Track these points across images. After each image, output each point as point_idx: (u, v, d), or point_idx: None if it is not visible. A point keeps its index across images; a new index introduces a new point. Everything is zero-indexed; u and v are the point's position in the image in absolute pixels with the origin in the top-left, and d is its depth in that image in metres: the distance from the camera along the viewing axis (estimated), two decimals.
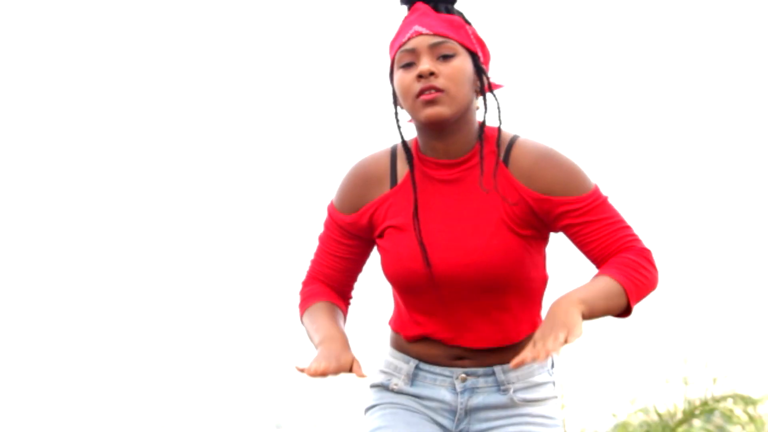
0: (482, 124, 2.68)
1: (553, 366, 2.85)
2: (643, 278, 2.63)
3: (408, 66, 2.63)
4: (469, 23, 2.70)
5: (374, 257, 2.86)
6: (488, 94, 2.68)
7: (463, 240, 2.67)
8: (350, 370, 2.61)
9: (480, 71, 2.67)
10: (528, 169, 2.66)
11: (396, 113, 2.72)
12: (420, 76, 2.60)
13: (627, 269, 2.62)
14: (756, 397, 7.46)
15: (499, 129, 2.69)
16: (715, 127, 18.85)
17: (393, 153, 2.74)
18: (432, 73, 2.59)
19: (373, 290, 3.00)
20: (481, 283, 2.68)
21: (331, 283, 2.84)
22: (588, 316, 2.53)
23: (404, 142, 2.72)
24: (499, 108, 2.69)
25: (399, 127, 2.73)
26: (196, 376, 16.53)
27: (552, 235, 2.78)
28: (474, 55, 2.66)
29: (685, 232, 16.61)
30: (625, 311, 2.63)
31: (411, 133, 2.77)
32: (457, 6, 2.71)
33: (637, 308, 2.65)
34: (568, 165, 2.67)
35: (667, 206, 16.98)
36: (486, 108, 2.67)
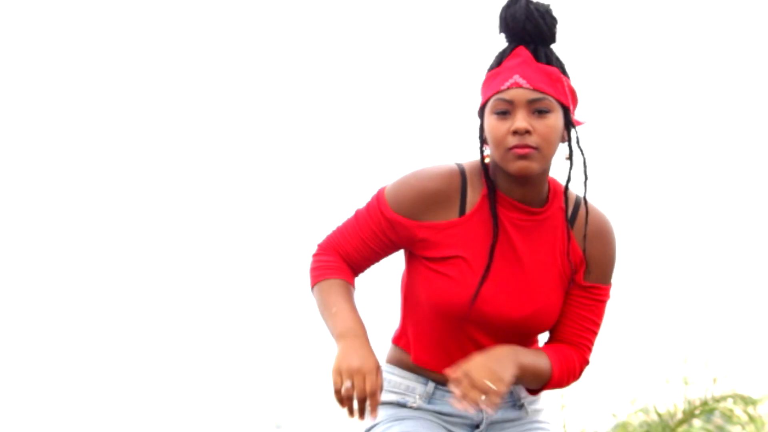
0: (568, 180, 2.74)
1: None
2: (566, 379, 2.83)
3: (502, 114, 2.64)
4: (566, 74, 2.70)
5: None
6: (575, 149, 2.73)
7: (526, 290, 2.72)
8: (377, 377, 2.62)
9: (569, 124, 2.70)
10: (590, 235, 2.75)
11: (481, 150, 2.73)
12: (515, 132, 2.61)
13: (567, 365, 2.81)
14: (756, 397, 7.46)
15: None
16: (716, 126, 18.87)
17: (463, 176, 2.73)
18: (527, 131, 2.61)
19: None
20: (527, 330, 2.77)
21: (349, 261, 2.79)
22: (513, 380, 2.66)
23: (492, 186, 2.72)
24: (585, 163, 2.74)
25: (485, 166, 2.72)
26: (196, 376, 16.53)
27: None
28: (566, 109, 2.68)
29: (685, 231, 16.61)
30: (534, 391, 2.85)
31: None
32: (555, 48, 2.70)
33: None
34: (613, 252, 2.79)
35: (667, 206, 16.99)
36: (572, 157, 2.72)
